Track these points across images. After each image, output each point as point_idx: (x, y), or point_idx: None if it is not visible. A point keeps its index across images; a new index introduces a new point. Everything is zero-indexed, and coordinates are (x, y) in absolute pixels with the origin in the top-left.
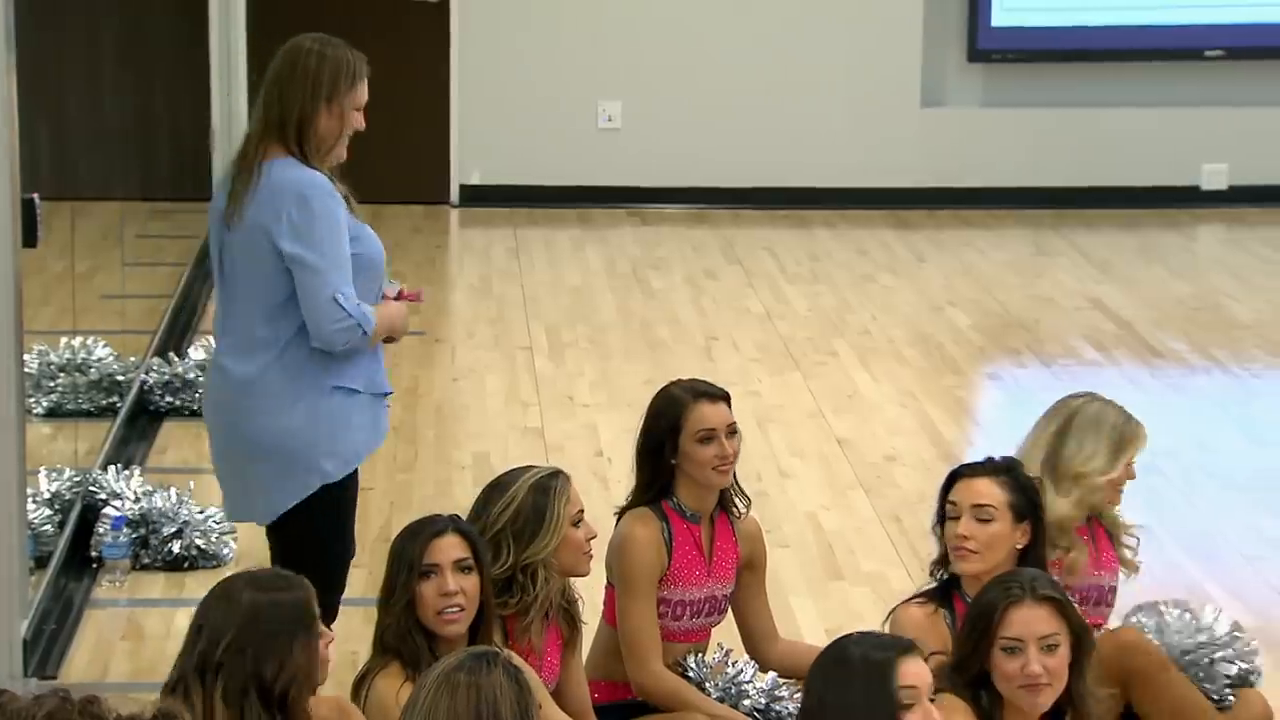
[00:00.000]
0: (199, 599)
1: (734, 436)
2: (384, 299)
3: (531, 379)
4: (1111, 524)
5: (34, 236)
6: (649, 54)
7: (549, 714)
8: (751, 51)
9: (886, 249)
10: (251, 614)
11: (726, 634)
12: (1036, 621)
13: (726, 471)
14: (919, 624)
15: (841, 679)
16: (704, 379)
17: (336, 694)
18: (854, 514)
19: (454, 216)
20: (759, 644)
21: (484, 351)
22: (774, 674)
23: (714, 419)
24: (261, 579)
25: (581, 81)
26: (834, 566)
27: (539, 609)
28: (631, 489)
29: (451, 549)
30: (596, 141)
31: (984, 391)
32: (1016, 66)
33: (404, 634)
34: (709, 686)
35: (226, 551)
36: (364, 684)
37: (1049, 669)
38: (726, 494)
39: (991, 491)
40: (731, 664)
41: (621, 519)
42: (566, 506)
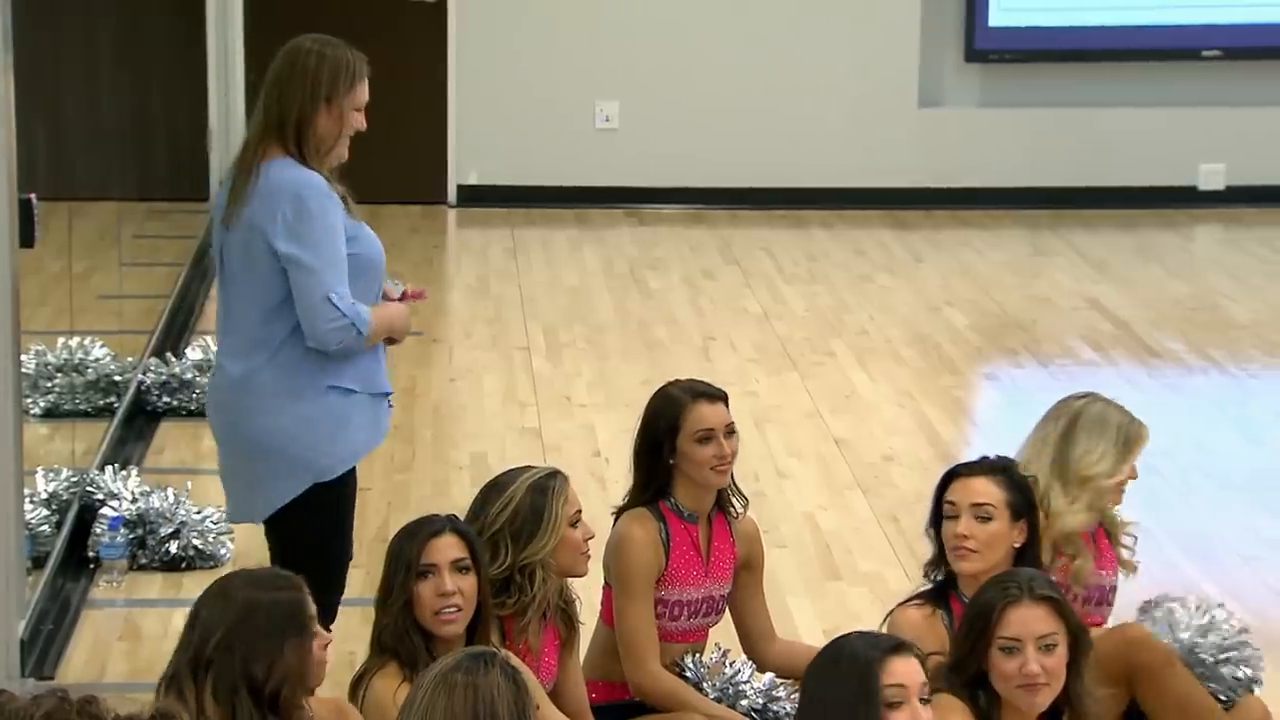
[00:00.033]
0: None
1: (732, 437)
2: (386, 300)
3: (529, 379)
4: (1111, 524)
5: (31, 237)
6: (646, 54)
7: (546, 714)
8: (749, 52)
9: (884, 249)
10: (243, 612)
11: (724, 634)
12: (1034, 621)
13: (725, 472)
14: (917, 626)
15: (830, 676)
16: (702, 379)
17: (335, 695)
18: (851, 514)
19: (451, 217)
20: (756, 644)
21: (481, 352)
22: (771, 674)
23: (712, 419)
24: (258, 578)
25: (579, 82)
26: (831, 567)
27: (537, 609)
28: (629, 489)
29: (449, 549)
30: (594, 142)
31: (981, 391)
32: (1014, 67)
33: (401, 634)
34: (706, 687)
35: (224, 552)
36: (361, 684)
37: (1047, 669)
38: (724, 494)
39: (990, 490)
40: (729, 664)
41: (619, 519)
42: (564, 507)
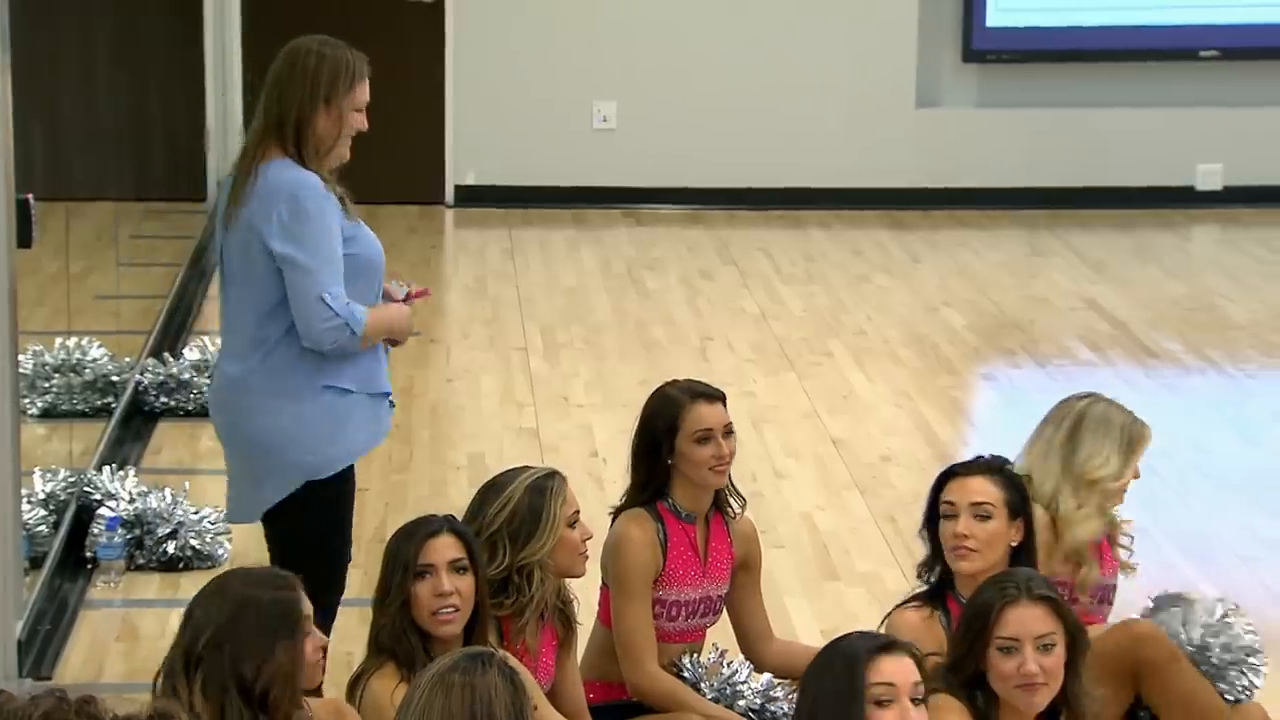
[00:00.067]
0: None
1: (730, 437)
2: (389, 300)
3: (526, 379)
4: (1110, 524)
5: (29, 237)
6: (644, 54)
7: (544, 715)
8: (746, 52)
9: (881, 249)
10: (235, 611)
11: (721, 634)
12: (1032, 621)
13: (723, 472)
14: (915, 628)
15: (822, 672)
16: (699, 379)
17: (335, 696)
18: (849, 514)
19: (449, 217)
20: (754, 644)
21: (479, 352)
22: (769, 674)
23: (711, 419)
24: (256, 576)
25: (576, 82)
26: (829, 567)
27: (534, 610)
28: (626, 489)
29: (446, 549)
30: (591, 142)
31: (979, 392)
32: (1011, 67)
33: (399, 634)
34: (704, 687)
35: (221, 552)
36: (359, 684)
37: (1045, 668)
38: (721, 494)
39: (988, 489)
40: (726, 664)
41: (616, 519)
42: (562, 507)
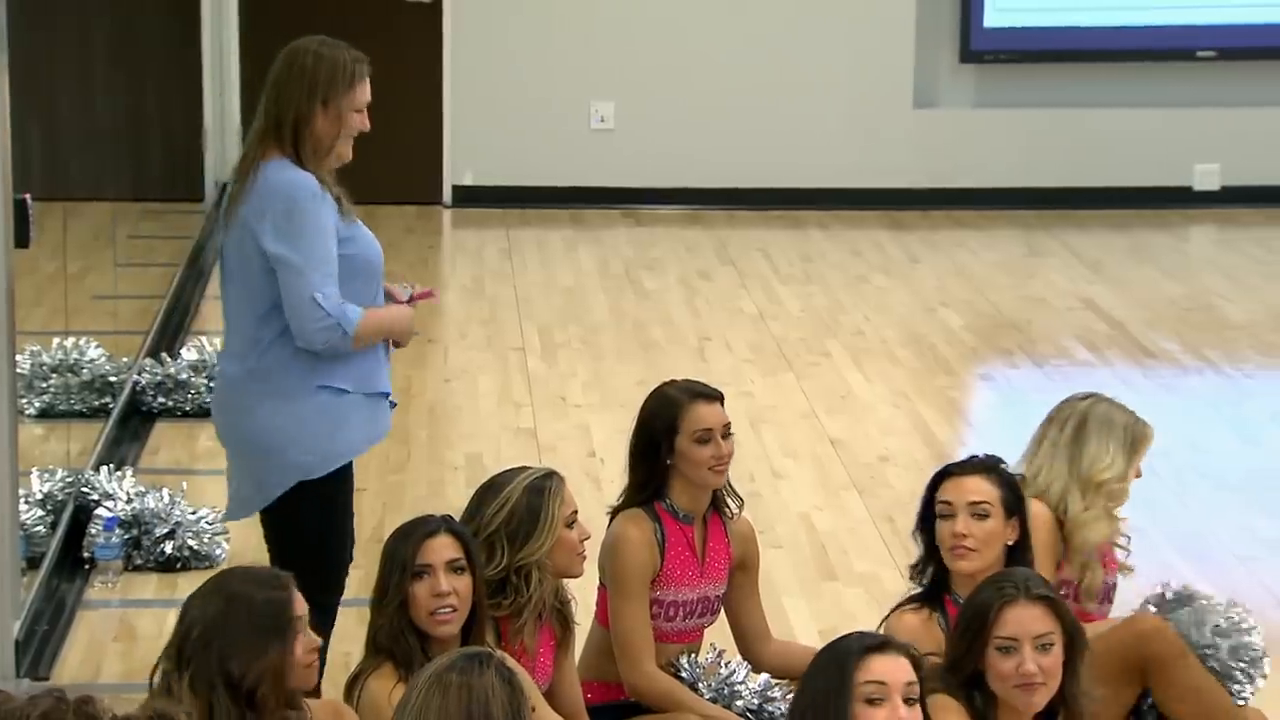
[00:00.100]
0: None
1: (729, 437)
2: (392, 302)
3: (524, 380)
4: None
5: (26, 237)
6: (642, 54)
7: (542, 715)
8: (744, 52)
9: (880, 249)
10: (225, 609)
11: (719, 635)
12: (1031, 621)
13: (723, 472)
14: (915, 631)
15: (816, 670)
16: (697, 379)
17: (334, 698)
18: (847, 514)
19: (447, 217)
20: (752, 645)
21: (476, 352)
22: (766, 675)
23: (711, 419)
24: (252, 575)
25: (574, 82)
26: (827, 567)
27: (532, 610)
28: (624, 489)
29: (444, 549)
30: (589, 142)
31: (976, 392)
32: (1009, 67)
33: (397, 635)
34: (702, 687)
35: (219, 552)
36: (356, 685)
37: (1044, 668)
38: (719, 495)
39: (985, 488)
40: (724, 664)
41: (614, 520)
42: (561, 508)
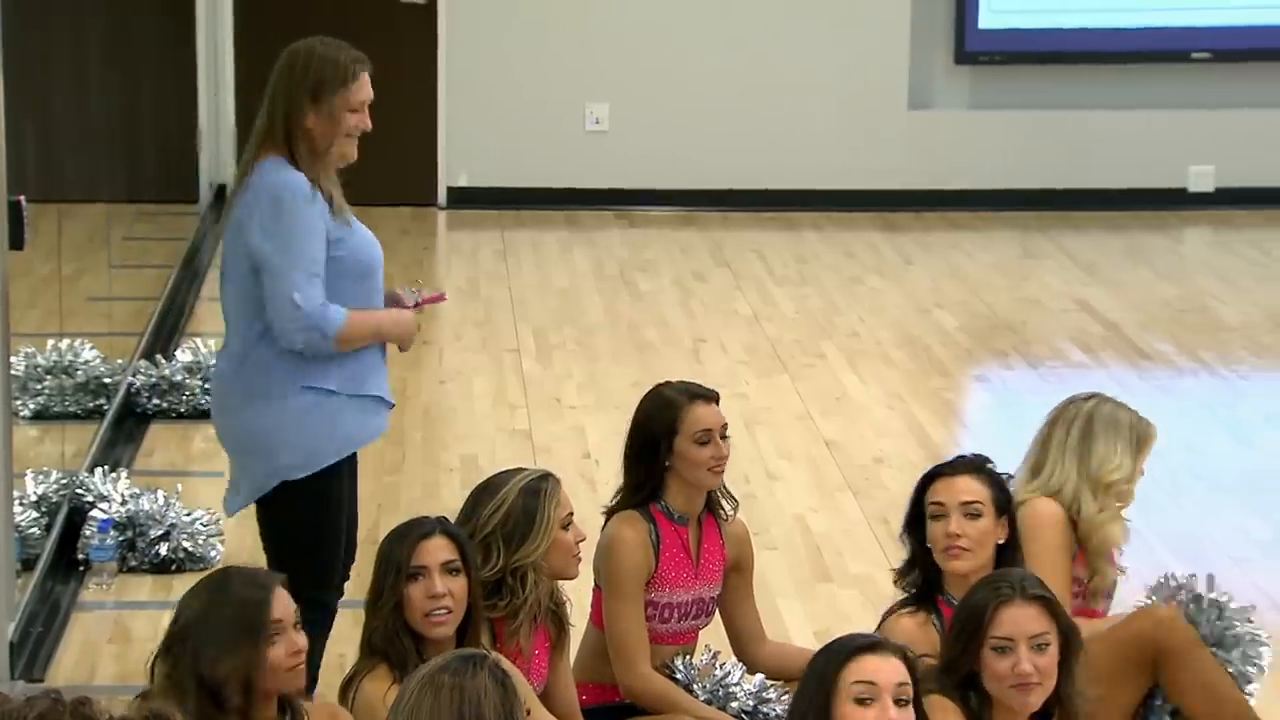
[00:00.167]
0: None
1: (726, 438)
2: (397, 305)
3: (519, 381)
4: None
5: (21, 239)
6: (636, 56)
7: (537, 717)
8: (739, 54)
9: (874, 251)
10: (204, 608)
11: (714, 636)
12: (1027, 621)
13: (721, 472)
14: (911, 634)
15: (809, 672)
16: (692, 381)
17: (329, 700)
18: (842, 516)
19: (441, 219)
20: (747, 646)
21: (471, 354)
22: (761, 676)
23: (710, 420)
24: (244, 575)
25: (569, 84)
26: (822, 568)
27: (528, 612)
28: (618, 490)
29: (439, 551)
30: (584, 144)
31: (971, 393)
32: (1004, 69)
33: (391, 636)
34: (697, 688)
35: (214, 554)
36: (351, 686)
37: (1039, 668)
38: (714, 496)
39: (976, 488)
40: (719, 666)
41: (609, 521)
42: (556, 509)
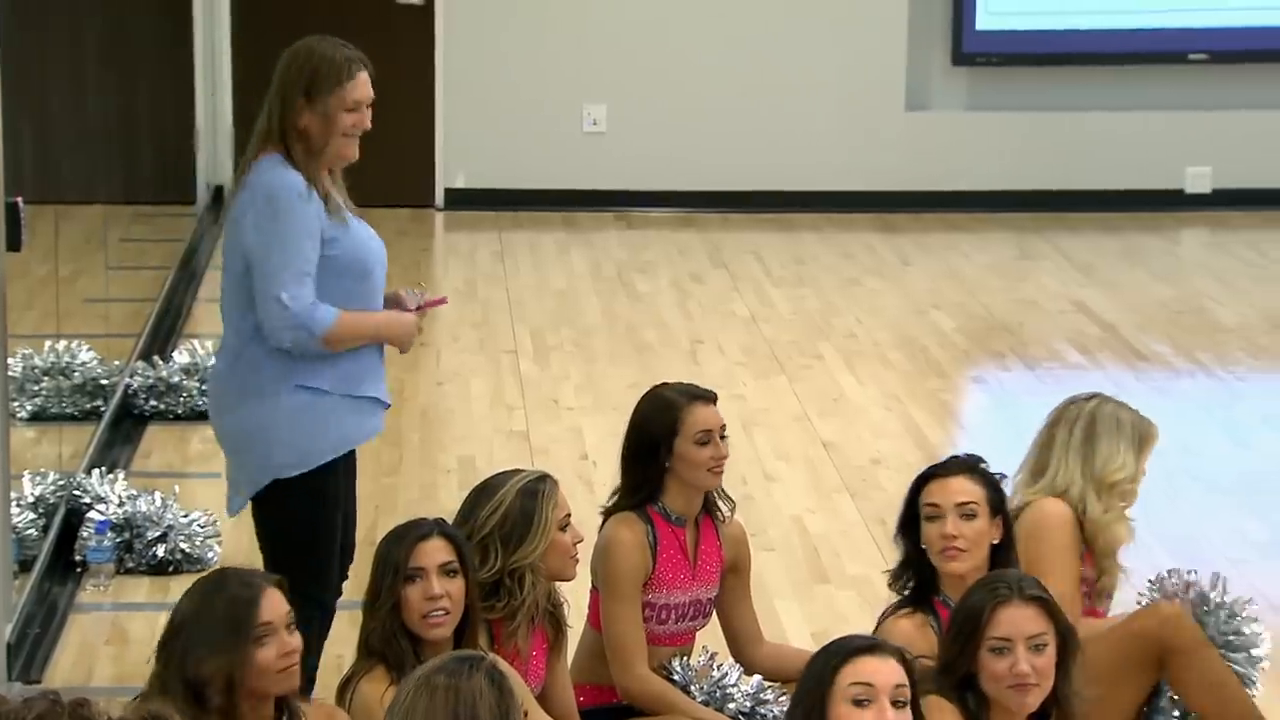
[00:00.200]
0: None
1: (725, 438)
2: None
3: (516, 382)
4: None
5: (18, 240)
6: (634, 57)
7: (535, 718)
8: (736, 55)
9: (871, 252)
10: (195, 608)
11: (711, 637)
12: (1024, 621)
13: (720, 473)
14: (909, 636)
15: (806, 673)
16: (690, 382)
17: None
18: (839, 517)
19: (439, 220)
20: (744, 647)
21: (469, 355)
22: (759, 677)
23: (710, 420)
24: (239, 576)
25: (566, 85)
26: (819, 570)
27: (525, 613)
28: (615, 491)
29: (437, 552)
30: (581, 145)
31: (968, 395)
32: (1001, 70)
33: (389, 637)
34: (694, 690)
35: (211, 555)
36: (349, 688)
37: (1037, 669)
38: (711, 497)
39: (970, 488)
40: (717, 667)
41: (606, 522)
42: (554, 511)
